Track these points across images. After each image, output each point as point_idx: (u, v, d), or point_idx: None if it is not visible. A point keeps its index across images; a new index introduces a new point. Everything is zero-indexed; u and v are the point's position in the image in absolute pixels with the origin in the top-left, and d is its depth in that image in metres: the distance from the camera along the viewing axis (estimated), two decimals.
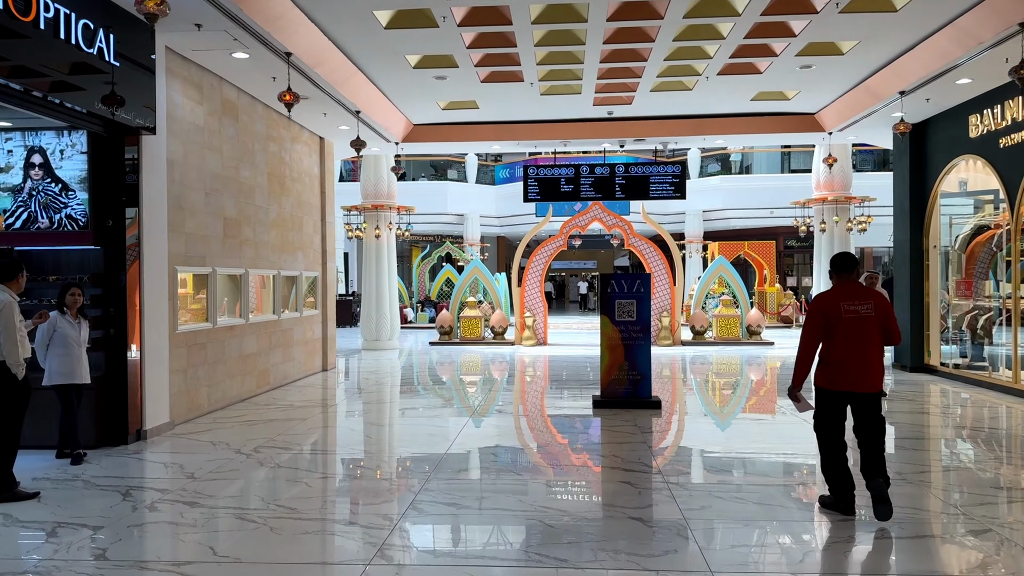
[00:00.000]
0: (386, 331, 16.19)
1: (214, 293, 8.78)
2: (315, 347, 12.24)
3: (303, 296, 11.94)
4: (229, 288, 9.59)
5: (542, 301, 17.29)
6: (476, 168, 32.26)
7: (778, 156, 36.83)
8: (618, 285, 8.82)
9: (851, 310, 4.70)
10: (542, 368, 13.15)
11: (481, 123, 12.86)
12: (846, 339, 4.68)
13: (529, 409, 9.26)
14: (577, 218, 17.06)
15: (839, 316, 4.70)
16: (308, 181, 12.00)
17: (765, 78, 10.40)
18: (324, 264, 12.61)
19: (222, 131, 9.07)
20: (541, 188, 13.75)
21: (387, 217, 16.24)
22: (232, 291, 9.52)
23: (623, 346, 8.85)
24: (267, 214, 10.34)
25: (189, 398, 8.27)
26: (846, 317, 4.69)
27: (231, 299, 9.54)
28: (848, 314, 4.70)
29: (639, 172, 13.58)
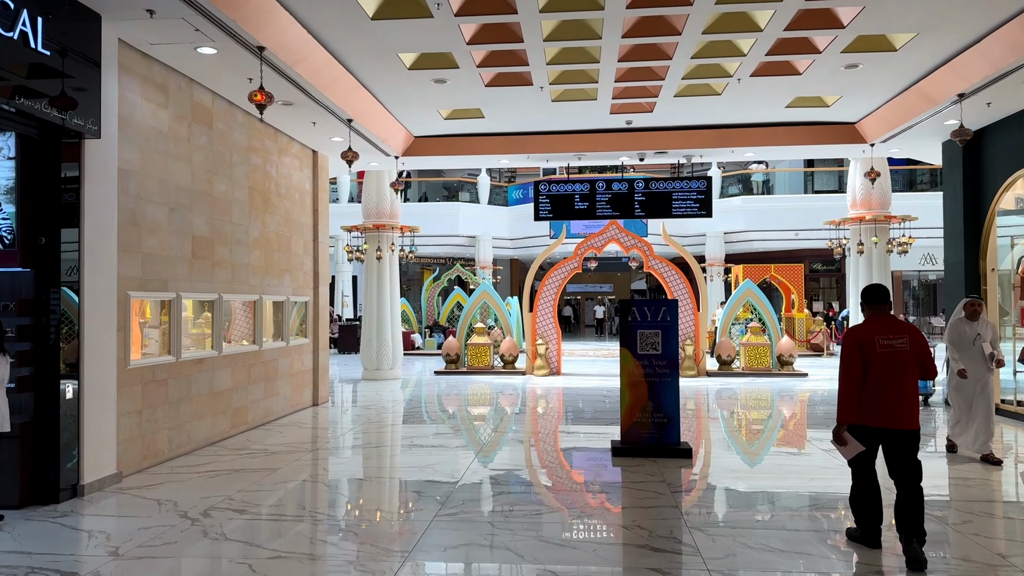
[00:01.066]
0: (387, 360, 15.06)
1: (178, 322, 7.70)
2: (304, 379, 11.12)
3: (291, 323, 10.85)
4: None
5: (555, 327, 16.11)
6: (489, 189, 31.31)
7: (801, 176, 35.67)
8: (640, 313, 7.64)
9: (885, 344, 4.58)
10: (555, 402, 11.94)
11: (488, 135, 11.80)
12: (880, 374, 4.56)
13: (537, 458, 8.05)
14: (593, 239, 15.92)
15: (873, 350, 4.58)
16: (298, 197, 10.97)
17: (804, 80, 9.26)
18: (316, 288, 11.53)
19: (192, 139, 8.05)
20: (553, 206, 12.64)
21: (389, 237, 15.19)
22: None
23: (646, 384, 7.65)
24: (247, 233, 9.30)
25: (144, 444, 7.16)
26: (880, 352, 4.57)
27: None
28: (883, 348, 4.57)
29: (660, 188, 12.44)
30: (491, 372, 16.07)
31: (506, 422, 10.01)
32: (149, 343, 8.26)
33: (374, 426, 9.73)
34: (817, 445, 8.23)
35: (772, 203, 30.01)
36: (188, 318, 9.17)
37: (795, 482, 6.68)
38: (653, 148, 11.63)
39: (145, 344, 8.25)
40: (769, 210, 29.95)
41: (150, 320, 8.70)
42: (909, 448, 4.53)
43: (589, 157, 12.14)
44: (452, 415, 10.77)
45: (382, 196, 15.07)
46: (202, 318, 9.42)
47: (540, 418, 10.50)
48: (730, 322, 16.43)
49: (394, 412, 10.91)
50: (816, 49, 8.25)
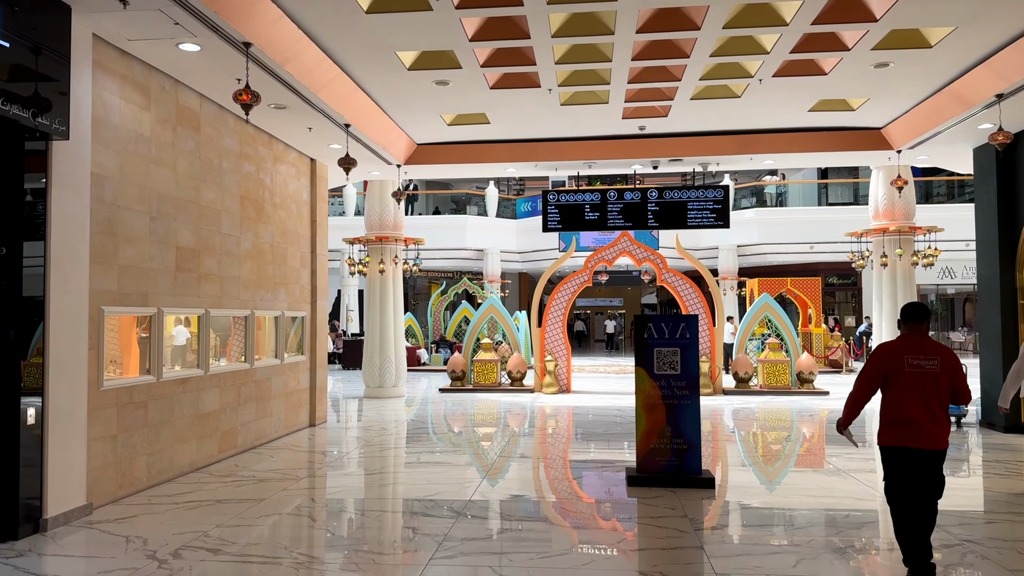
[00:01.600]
0: (390, 377, 14.49)
1: (158, 339, 7.16)
2: (300, 399, 10.56)
3: (288, 340, 10.31)
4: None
5: (565, 343, 15.50)
6: (497, 201, 30.83)
7: (815, 188, 35.05)
8: (657, 330, 7.04)
9: (915, 364, 4.45)
10: (564, 423, 11.32)
11: (494, 142, 11.27)
12: (905, 393, 4.44)
13: (547, 487, 7.43)
14: (603, 251, 15.34)
15: (900, 369, 4.46)
16: (295, 208, 10.45)
17: (829, 81, 8.69)
18: (314, 302, 10.99)
19: (177, 144, 7.55)
20: (563, 216, 12.09)
21: (392, 250, 14.66)
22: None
23: (664, 406, 7.04)
24: (238, 244, 8.78)
25: (120, 472, 6.60)
26: (908, 371, 4.44)
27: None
28: (911, 368, 4.44)
29: (675, 197, 11.86)
30: (498, 389, 15.47)
31: (513, 445, 9.40)
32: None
33: (373, 449, 9.14)
34: (858, 477, 7.58)
35: (786, 215, 29.37)
36: (193, 334, 8.74)
37: (830, 512, 6.03)
38: (667, 155, 11.07)
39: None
40: (783, 222, 29.35)
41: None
42: (933, 467, 4.45)
43: (600, 165, 11.59)
44: (456, 437, 10.17)
45: (385, 207, 14.57)
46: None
47: (548, 440, 9.88)
48: (747, 338, 15.78)
49: (396, 433, 10.32)
50: (844, 46, 7.69)
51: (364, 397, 14.65)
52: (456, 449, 9.24)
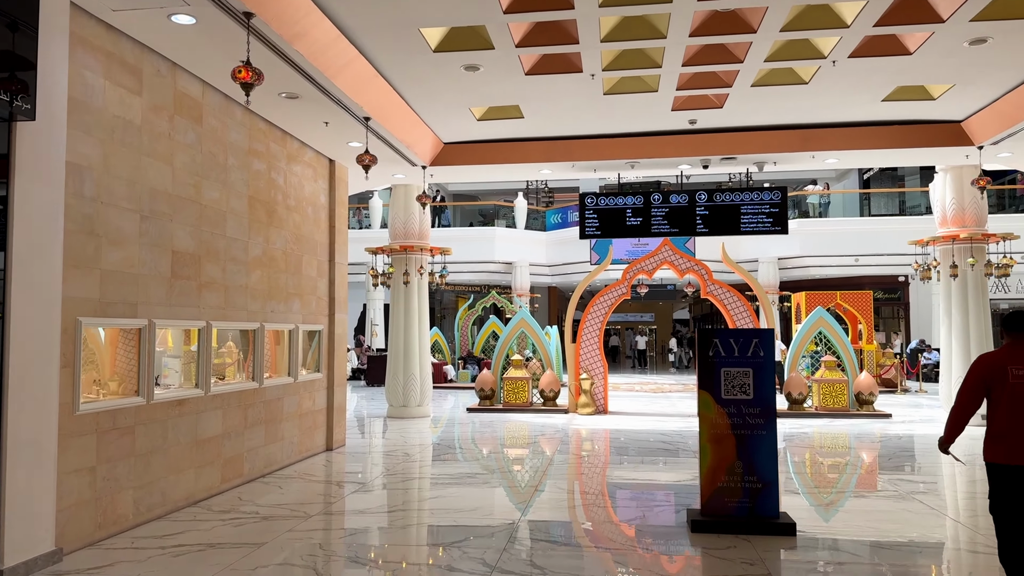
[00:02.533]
0: (415, 395, 13.53)
1: (149, 355, 6.27)
2: (316, 421, 9.63)
3: (302, 355, 9.41)
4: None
5: (601, 360, 14.43)
6: (526, 213, 29.90)
7: (856, 199, 33.60)
8: (725, 346, 5.98)
9: (1020, 375, 4.21)
10: (605, 448, 10.25)
11: (527, 140, 10.31)
12: (1012, 406, 4.20)
13: (591, 532, 6.37)
14: (643, 261, 14.28)
15: (1004, 381, 4.24)
16: (311, 212, 9.58)
17: (913, 63, 7.61)
18: (332, 315, 10.09)
19: (174, 135, 6.70)
20: (602, 222, 11.07)
21: (418, 260, 13.75)
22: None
23: (734, 437, 5.96)
24: (246, 250, 7.90)
25: (99, 509, 5.69)
26: (1013, 382, 4.22)
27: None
28: (1016, 379, 4.22)
29: (727, 200, 10.79)
30: (529, 410, 14.43)
31: (549, 476, 8.35)
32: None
33: (395, 480, 8.16)
34: (970, 522, 6.41)
35: (830, 226, 28.04)
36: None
37: (929, 551, 4.91)
38: (720, 153, 10.01)
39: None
40: (826, 234, 28.04)
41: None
42: None
43: (644, 165, 10.57)
44: (486, 465, 9.15)
45: (410, 214, 13.68)
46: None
47: (589, 472, 8.81)
48: (800, 355, 14.57)
49: (420, 460, 9.33)
50: (938, 16, 6.61)
51: (387, 417, 13.71)
52: (487, 482, 8.22)
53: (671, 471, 8.59)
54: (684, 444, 10.42)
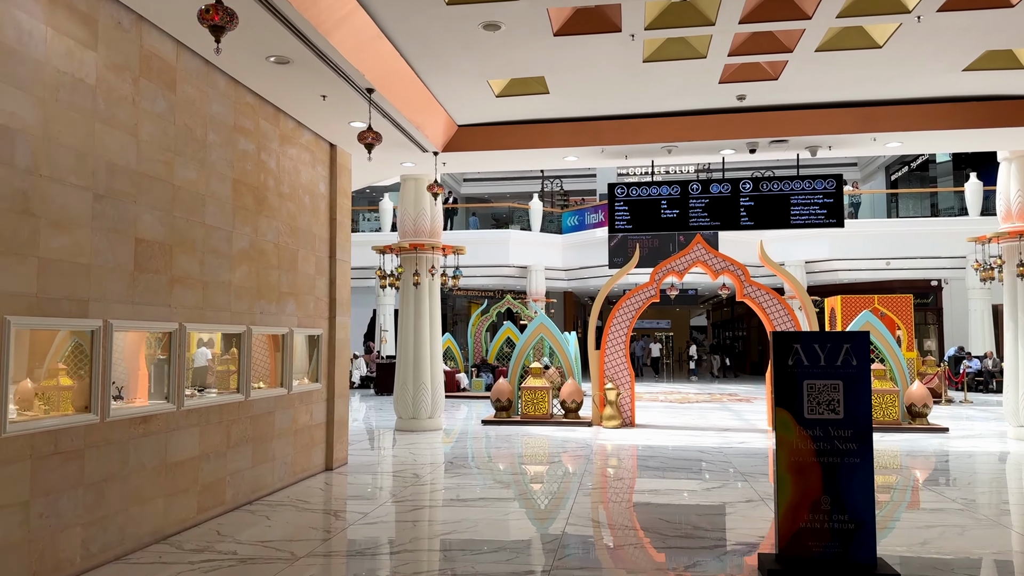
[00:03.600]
0: (425, 406, 12.42)
1: (104, 362, 5.19)
2: (313, 437, 8.53)
3: (299, 363, 8.33)
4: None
5: (628, 368, 13.28)
6: (541, 215, 28.80)
7: (883, 200, 32.29)
8: (808, 353, 4.83)
9: None
10: (637, 467, 9.09)
11: (551, 121, 9.20)
12: None
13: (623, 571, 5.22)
14: (673, 261, 13.13)
15: None
16: (309, 202, 8.51)
17: (1014, 17, 6.44)
18: (332, 317, 9.00)
19: (140, 102, 5.64)
20: (634, 215, 9.94)
21: (429, 260, 12.66)
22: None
23: (819, 466, 4.80)
24: (229, 241, 6.83)
25: (34, 554, 4.60)
26: None
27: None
28: None
29: (775, 189, 9.63)
30: (550, 422, 13.28)
31: (578, 501, 7.21)
32: None
33: (402, 508, 7.04)
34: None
35: (860, 228, 26.77)
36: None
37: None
38: (770, 135, 8.86)
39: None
40: (856, 236, 26.79)
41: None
42: None
43: (682, 150, 9.42)
44: (505, 486, 8.01)
45: (420, 210, 12.60)
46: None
47: (623, 496, 7.66)
48: None
49: (431, 481, 8.21)
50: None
51: (396, 430, 12.60)
52: (506, 513, 7.08)
53: (720, 496, 7.43)
54: (727, 463, 9.25)
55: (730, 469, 8.90)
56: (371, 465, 9.29)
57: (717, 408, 16.77)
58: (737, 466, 9.06)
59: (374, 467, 9.19)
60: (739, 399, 19.10)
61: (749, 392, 21.52)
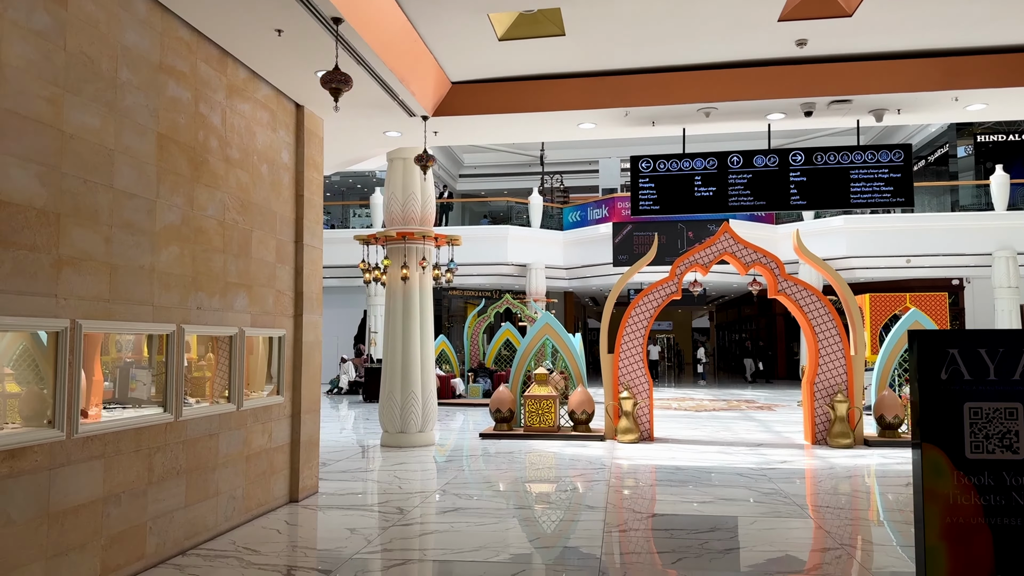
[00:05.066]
0: (415, 418, 10.82)
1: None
2: (273, 463, 6.92)
3: (254, 371, 6.74)
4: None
5: (645, 375, 11.70)
6: (541, 211, 27.23)
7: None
8: (971, 363, 3.24)
9: None
10: (671, 499, 7.49)
11: (565, 75, 7.60)
12: None
13: None
14: (696, 253, 11.55)
15: None
16: (267, 173, 6.91)
17: None
18: (299, 315, 7.40)
19: (4, 11, 4.05)
20: (662, 192, 8.35)
21: (419, 251, 11.06)
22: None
23: (989, 530, 3.22)
24: (151, 213, 5.23)
25: None
26: None
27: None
28: None
29: (831, 162, 8.06)
30: (557, 436, 11.69)
31: (608, 547, 5.61)
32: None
33: (380, 561, 5.43)
34: None
35: (878, 224, 25.27)
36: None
37: None
38: (831, 93, 7.29)
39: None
40: (875, 232, 25.31)
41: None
42: None
43: (723, 113, 7.83)
44: (512, 526, 6.41)
45: (410, 194, 11.00)
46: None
47: (664, 538, 6.06)
48: (892, 369, 11.77)
49: (420, 518, 6.61)
50: None
51: (381, 445, 11.00)
52: (519, 571, 5.48)
53: (786, 541, 5.84)
54: (774, 491, 7.67)
55: (781, 498, 7.32)
56: (347, 495, 7.68)
57: (738, 417, 15.20)
58: (789, 495, 7.49)
59: (351, 497, 7.57)
60: (759, 407, 17.54)
61: (768, 398, 19.96)
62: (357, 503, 7.30)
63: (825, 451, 10.52)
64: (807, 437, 11.40)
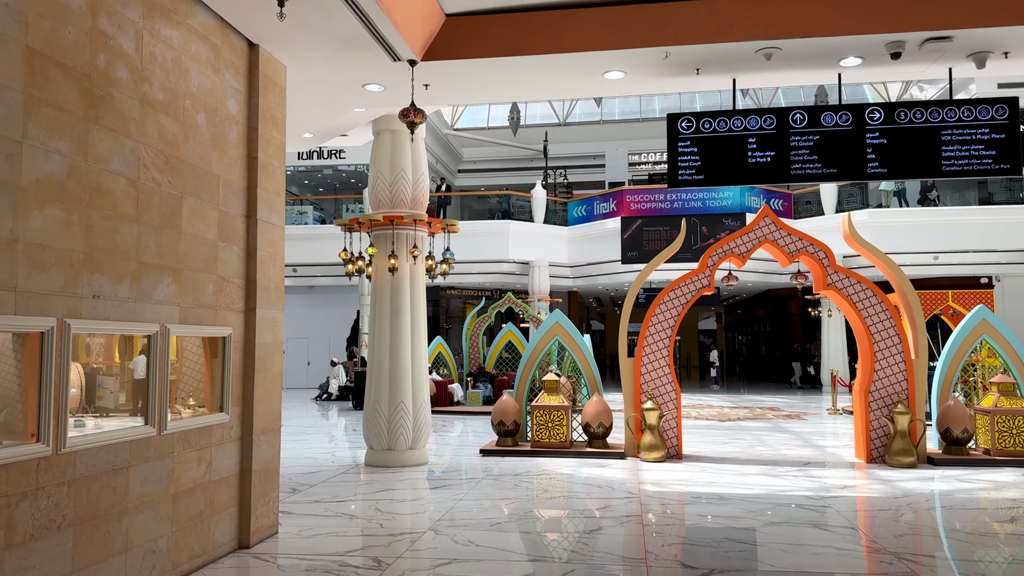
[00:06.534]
0: (405, 433, 9.25)
1: None
2: (213, 500, 5.33)
3: (186, 382, 5.17)
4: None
5: (672, 382, 10.12)
6: (544, 205, 25.67)
7: (916, 188, 29.11)
8: None
9: None
10: (716, 545, 5.89)
11: (589, 4, 6.03)
12: None
13: None
14: (730, 241, 9.98)
15: None
16: (206, 124, 5.33)
17: None
18: (250, 309, 5.82)
19: None
20: (707, 159, 6.76)
21: (410, 238, 9.49)
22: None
23: None
24: (15, 160, 3.66)
25: None
26: None
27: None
28: None
29: (917, 120, 6.50)
30: (570, 452, 10.11)
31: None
32: None
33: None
34: None
35: (904, 218, 23.79)
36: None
37: None
38: (928, 27, 5.72)
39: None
40: (901, 227, 23.84)
41: (112, 366, 4.35)
42: None
43: (786, 55, 6.25)
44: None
45: (399, 172, 9.43)
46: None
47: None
48: (956, 375, 10.19)
49: (406, 573, 5.03)
50: None
51: (366, 464, 9.44)
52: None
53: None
54: (851, 529, 6.09)
55: (871, 545, 5.75)
56: (315, 537, 6.09)
57: (769, 428, 13.63)
58: (876, 538, 5.92)
59: (318, 542, 5.98)
60: (786, 415, 15.97)
61: (792, 405, 18.37)
62: (325, 550, 5.70)
63: (885, 472, 8.95)
64: (860, 454, 9.83)
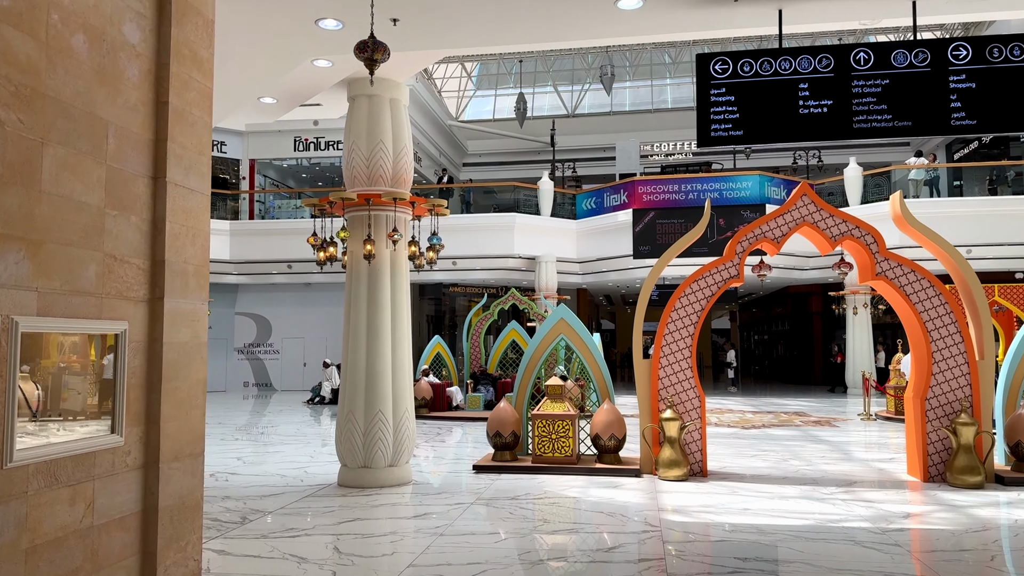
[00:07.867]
0: (383, 448, 7.92)
1: None
2: (98, 552, 3.99)
3: (60, 394, 3.83)
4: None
5: (696, 388, 8.73)
6: (552, 198, 24.29)
7: (945, 179, 27.55)
8: None
9: None
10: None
11: None
12: None
13: None
14: (764, 224, 8.59)
15: None
16: (86, 50, 4.00)
17: None
18: (156, 299, 4.47)
19: None
20: (746, 110, 5.36)
21: (390, 220, 8.16)
22: None
23: None
24: None
25: None
26: None
27: None
28: None
29: (1015, 57, 5.11)
30: (576, 470, 8.73)
31: None
32: None
33: None
34: None
35: (932, 208, 22.32)
36: None
37: None
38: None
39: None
40: (931, 219, 22.14)
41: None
42: None
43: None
44: None
45: (376, 143, 8.09)
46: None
47: None
48: (1011, 379, 8.76)
49: None
50: None
51: (338, 485, 8.11)
52: None
53: None
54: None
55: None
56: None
57: (799, 437, 12.23)
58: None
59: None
60: (815, 421, 14.54)
61: (818, 410, 16.91)
62: None
63: (949, 494, 7.55)
64: (914, 471, 8.43)
